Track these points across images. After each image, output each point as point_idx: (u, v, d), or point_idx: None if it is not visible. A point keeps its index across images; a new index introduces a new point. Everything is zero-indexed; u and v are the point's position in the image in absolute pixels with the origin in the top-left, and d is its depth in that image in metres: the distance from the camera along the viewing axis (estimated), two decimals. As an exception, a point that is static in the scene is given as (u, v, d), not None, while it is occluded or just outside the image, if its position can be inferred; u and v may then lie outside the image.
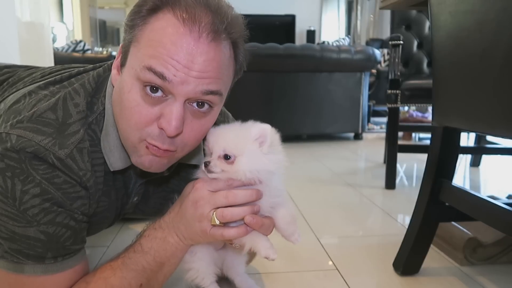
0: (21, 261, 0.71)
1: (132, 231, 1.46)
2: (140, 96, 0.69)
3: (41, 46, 2.20)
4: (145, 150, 0.73)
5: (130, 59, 0.71)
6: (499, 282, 1.10)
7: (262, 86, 3.48)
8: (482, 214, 0.96)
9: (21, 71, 0.96)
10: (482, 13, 0.88)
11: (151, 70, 0.66)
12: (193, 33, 0.67)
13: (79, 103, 0.75)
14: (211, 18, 0.68)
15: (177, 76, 0.66)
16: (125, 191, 0.87)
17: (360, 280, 1.12)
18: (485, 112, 0.91)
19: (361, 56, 3.53)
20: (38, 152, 0.68)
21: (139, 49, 0.69)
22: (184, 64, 0.66)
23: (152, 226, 0.82)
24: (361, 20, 7.20)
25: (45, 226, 0.70)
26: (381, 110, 5.06)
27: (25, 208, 0.69)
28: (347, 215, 1.70)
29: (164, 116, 0.69)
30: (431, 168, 1.09)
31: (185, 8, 0.67)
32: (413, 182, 2.30)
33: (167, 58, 0.66)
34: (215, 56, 0.69)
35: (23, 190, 0.68)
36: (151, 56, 0.67)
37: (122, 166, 0.80)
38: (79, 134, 0.73)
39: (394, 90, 2.07)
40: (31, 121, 0.70)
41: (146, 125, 0.70)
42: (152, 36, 0.68)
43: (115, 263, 0.79)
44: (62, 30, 5.83)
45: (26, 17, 2.06)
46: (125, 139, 0.75)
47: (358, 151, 3.38)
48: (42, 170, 0.69)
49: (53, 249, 0.72)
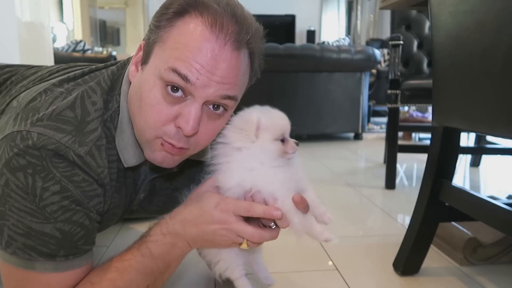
0: (33, 257, 0.72)
1: (132, 231, 1.46)
2: (161, 94, 0.71)
3: (41, 46, 2.20)
4: (159, 147, 0.76)
5: (154, 58, 0.73)
6: (499, 282, 1.10)
7: (262, 86, 3.47)
8: (482, 214, 0.96)
9: (22, 70, 0.97)
10: (482, 13, 0.88)
11: (175, 71, 0.69)
12: (219, 40, 0.69)
13: (96, 101, 0.77)
14: (237, 27, 0.71)
15: (200, 79, 0.69)
16: (134, 188, 0.88)
17: (360, 280, 1.12)
18: (485, 112, 0.91)
19: (361, 56, 3.52)
20: (59, 149, 0.70)
21: (165, 50, 0.71)
22: (207, 69, 0.69)
23: (159, 231, 0.80)
24: (361, 20, 7.21)
25: (61, 224, 0.71)
26: (381, 110, 5.06)
27: (45, 205, 0.70)
28: (347, 215, 1.70)
29: (183, 116, 0.72)
30: (431, 168, 1.09)
31: (213, 15, 0.70)
32: (413, 182, 2.30)
33: (192, 62, 0.69)
34: (236, 63, 0.72)
35: (44, 187, 0.69)
36: (177, 58, 0.69)
37: (136, 163, 0.82)
38: (97, 131, 0.75)
39: (394, 90, 2.07)
40: (51, 119, 0.72)
41: (164, 124, 0.73)
42: (179, 39, 0.70)
43: (121, 265, 0.78)
44: (62, 30, 5.83)
45: (26, 17, 2.06)
46: (140, 134, 0.78)
47: (358, 151, 3.38)
48: (62, 168, 0.70)
49: (66, 248, 0.73)
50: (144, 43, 0.76)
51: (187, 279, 1.10)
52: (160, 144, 0.75)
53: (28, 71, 0.95)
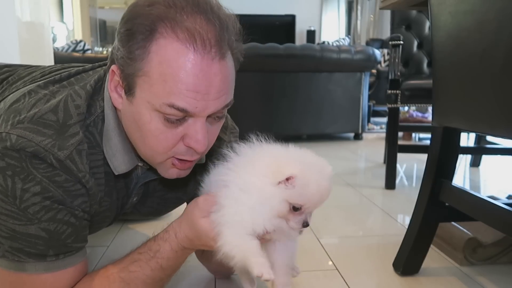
0: (22, 259, 0.71)
1: (132, 231, 1.46)
2: (162, 124, 0.70)
3: (41, 46, 2.20)
4: (171, 166, 0.77)
5: (140, 92, 0.69)
6: (499, 282, 1.10)
7: (262, 86, 3.48)
8: (482, 214, 0.96)
9: (21, 70, 0.96)
10: (482, 13, 0.88)
11: (173, 107, 0.67)
12: (205, 56, 0.66)
13: (80, 104, 0.75)
14: (216, 32, 0.67)
15: (199, 106, 0.68)
16: (126, 191, 0.87)
17: (360, 280, 1.12)
18: (485, 112, 0.91)
19: (361, 56, 3.52)
20: (37, 152, 0.68)
21: (152, 84, 0.67)
22: (203, 92, 0.68)
23: (170, 249, 0.78)
24: (361, 20, 7.20)
25: (46, 224, 0.70)
26: (381, 110, 5.06)
27: (26, 206, 0.69)
28: (347, 215, 1.70)
29: (190, 136, 0.71)
30: (431, 168, 1.09)
31: (188, 29, 0.65)
32: (413, 182, 2.30)
33: (186, 92, 0.67)
34: (226, 71, 0.71)
35: (24, 189, 0.68)
36: (170, 93, 0.66)
37: (126, 169, 0.80)
38: (78, 136, 0.73)
39: (394, 90, 2.07)
40: (32, 122, 0.71)
41: (172, 147, 0.73)
42: (163, 69, 0.66)
43: (127, 276, 0.78)
44: (62, 30, 5.83)
45: (26, 17, 2.06)
46: (149, 160, 0.78)
47: (358, 151, 3.38)
48: (43, 169, 0.69)
49: (55, 247, 0.72)
50: (117, 70, 0.71)
51: (187, 280, 1.10)
52: (171, 164, 0.76)
53: (25, 71, 0.94)
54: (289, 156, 0.71)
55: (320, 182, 0.69)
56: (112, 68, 0.73)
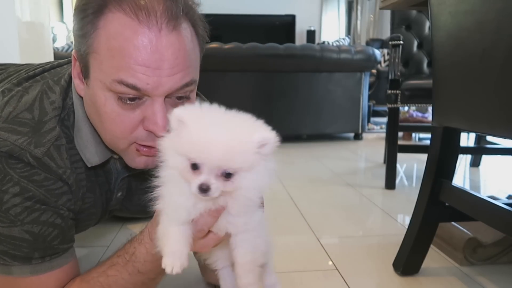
0: (7, 262, 0.70)
1: (132, 231, 1.46)
2: (117, 105, 0.67)
3: (41, 46, 2.20)
4: (136, 153, 0.72)
5: (93, 72, 0.67)
6: (499, 282, 1.10)
7: (262, 86, 3.48)
8: (482, 214, 0.96)
9: (11, 68, 0.95)
10: (482, 13, 0.87)
11: (122, 83, 0.64)
12: (152, 29, 0.63)
13: (55, 100, 0.74)
14: (166, 3, 0.64)
15: (150, 82, 0.64)
16: (108, 186, 0.86)
17: (360, 280, 1.12)
18: (485, 112, 0.91)
19: (361, 56, 3.52)
20: (13, 151, 0.67)
21: (101, 61, 0.65)
22: (154, 67, 0.63)
23: (145, 251, 0.72)
24: (361, 20, 7.20)
25: (29, 226, 0.69)
26: (381, 110, 5.06)
27: (7, 208, 0.67)
28: (347, 215, 1.70)
29: (148, 118, 0.68)
30: (431, 168, 1.09)
31: (133, 1, 0.63)
32: (413, 182, 2.30)
33: (134, 67, 0.63)
34: (180, 44, 0.65)
35: (2, 190, 0.67)
36: (118, 68, 0.63)
37: (99, 161, 0.78)
38: (55, 131, 0.71)
39: (394, 90, 2.07)
40: (7, 122, 0.69)
41: (131, 131, 0.69)
42: (111, 44, 0.64)
43: (105, 280, 0.74)
44: (62, 30, 5.83)
45: (26, 17, 2.06)
46: (113, 147, 0.74)
47: (358, 151, 3.38)
48: (20, 168, 0.68)
49: (40, 249, 0.71)
50: (76, 53, 0.70)
51: (187, 280, 1.10)
52: (136, 150, 0.72)
53: (15, 69, 0.93)
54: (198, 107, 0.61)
55: (208, 130, 0.56)
56: (73, 53, 0.71)
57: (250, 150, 0.57)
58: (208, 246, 0.67)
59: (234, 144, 0.56)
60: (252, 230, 0.64)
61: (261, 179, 0.59)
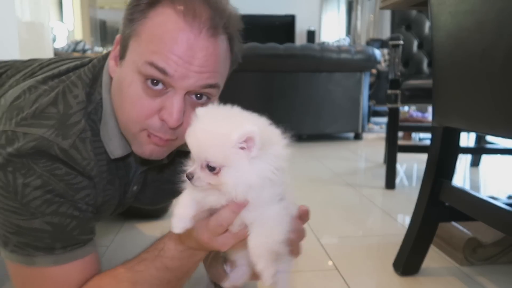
0: (31, 253, 0.72)
1: (132, 231, 1.46)
2: (141, 89, 0.71)
3: (41, 46, 2.20)
4: (147, 139, 0.75)
5: (130, 53, 0.72)
6: (499, 282, 1.10)
7: (262, 86, 3.48)
8: (482, 214, 0.96)
9: (19, 63, 0.97)
10: (482, 13, 0.88)
11: (153, 65, 0.68)
12: (193, 29, 0.68)
13: (78, 94, 0.77)
14: (211, 13, 0.69)
15: (178, 71, 0.69)
16: (127, 179, 0.88)
17: (360, 280, 1.12)
18: (485, 112, 0.91)
19: (361, 56, 3.52)
20: (42, 144, 0.70)
21: (140, 44, 0.70)
22: (185, 60, 0.68)
23: (174, 248, 0.74)
24: (361, 20, 7.20)
25: (49, 217, 0.71)
26: (381, 110, 5.06)
27: (28, 201, 0.70)
28: (347, 215, 1.70)
29: (166, 108, 0.71)
30: (431, 168, 1.09)
31: (185, 3, 0.68)
32: (413, 182, 2.30)
33: (168, 54, 0.68)
34: (214, 51, 0.71)
35: (25, 183, 0.69)
36: (153, 52, 0.68)
37: (122, 154, 0.81)
38: (80, 124, 0.75)
39: (394, 90, 2.07)
40: (34, 117, 0.72)
41: (147, 118, 0.72)
42: (153, 31, 0.69)
43: (133, 276, 0.75)
44: (62, 30, 5.84)
45: (26, 17, 2.06)
46: (125, 129, 0.77)
47: (358, 151, 3.38)
48: (43, 163, 0.70)
49: (61, 239, 0.73)
50: (120, 37, 0.75)
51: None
52: (147, 136, 0.75)
53: (23, 64, 0.95)
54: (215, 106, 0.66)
55: (197, 123, 0.60)
56: (117, 37, 0.76)
57: (227, 144, 0.57)
58: (227, 245, 0.68)
59: (210, 136, 0.58)
60: (265, 223, 0.63)
61: (245, 176, 0.59)
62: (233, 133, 0.57)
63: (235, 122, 0.59)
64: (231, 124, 0.59)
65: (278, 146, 0.62)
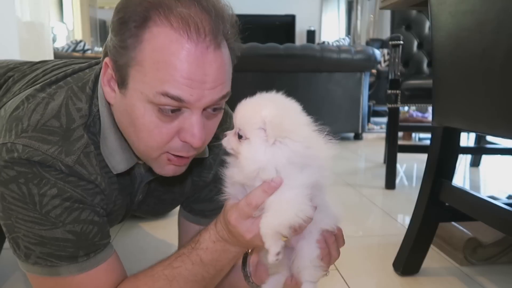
0: (55, 264, 0.70)
1: (132, 232, 1.46)
2: (156, 117, 0.68)
3: (41, 46, 2.20)
4: (167, 162, 0.74)
5: (134, 83, 0.67)
6: (499, 282, 1.10)
7: (262, 86, 3.45)
8: (482, 214, 0.96)
9: (25, 67, 0.95)
10: (482, 13, 0.88)
11: (167, 95, 0.65)
12: (199, 44, 0.64)
13: (82, 107, 0.75)
14: (211, 22, 0.65)
15: (194, 94, 0.66)
16: (132, 189, 0.87)
17: (360, 280, 1.12)
18: (485, 112, 0.91)
19: (361, 56, 3.52)
20: (45, 161, 0.68)
21: (145, 74, 0.65)
22: (197, 80, 0.65)
23: (208, 237, 0.75)
24: (361, 20, 7.21)
25: (71, 226, 0.70)
26: (381, 110, 5.06)
27: (47, 211, 0.68)
28: (347, 215, 1.68)
29: (186, 130, 0.69)
30: (431, 168, 1.09)
31: (182, 16, 0.64)
32: (413, 182, 2.30)
33: (180, 79, 0.64)
34: (221, 61, 0.68)
35: (41, 193, 0.68)
36: (164, 81, 0.64)
37: (124, 168, 0.79)
38: (84, 139, 0.72)
39: (394, 90, 2.07)
40: (36, 130, 0.70)
41: (167, 142, 0.70)
42: (157, 57, 0.64)
43: (170, 272, 0.75)
44: (62, 30, 5.83)
45: (26, 17, 2.06)
46: (144, 155, 0.75)
47: (358, 151, 3.38)
48: (54, 171, 0.69)
49: (84, 247, 0.72)
50: (110, 62, 0.70)
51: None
52: (166, 160, 0.73)
53: (29, 69, 0.94)
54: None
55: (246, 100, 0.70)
56: (106, 61, 0.71)
57: (253, 119, 0.65)
58: (251, 232, 0.67)
59: (244, 109, 0.68)
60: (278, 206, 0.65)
61: (257, 156, 0.64)
62: (261, 111, 0.65)
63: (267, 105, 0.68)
64: (263, 105, 0.67)
65: (298, 143, 0.66)
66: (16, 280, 1.11)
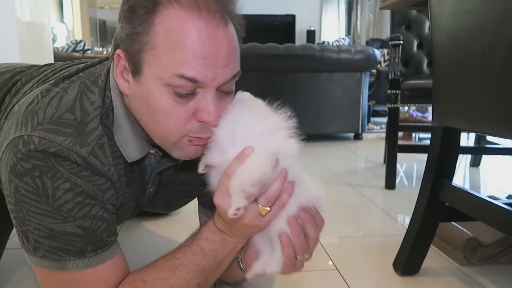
0: (62, 258, 0.72)
1: (132, 231, 1.46)
2: (172, 100, 0.69)
3: (41, 46, 2.20)
4: (188, 143, 0.75)
5: (149, 68, 0.69)
6: (499, 282, 1.10)
7: (262, 86, 3.48)
8: (482, 214, 0.96)
9: (33, 70, 0.97)
10: (482, 13, 0.88)
11: (183, 77, 0.66)
12: (210, 22, 0.66)
13: (95, 100, 0.76)
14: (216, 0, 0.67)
15: (208, 74, 0.68)
16: (142, 182, 0.88)
17: (360, 280, 1.12)
18: (485, 112, 0.91)
19: (361, 56, 3.52)
20: (60, 152, 0.69)
21: (160, 56, 0.67)
22: (211, 58, 0.67)
23: (208, 228, 0.80)
24: (361, 20, 7.21)
25: (81, 221, 0.71)
26: (381, 110, 5.06)
27: (59, 204, 0.69)
28: (347, 215, 1.70)
29: (202, 109, 0.71)
30: (431, 168, 1.09)
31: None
32: (413, 182, 2.30)
33: (194, 59, 0.66)
34: (231, 37, 0.70)
35: (54, 187, 0.69)
36: (179, 62, 0.66)
37: (139, 156, 0.80)
38: (97, 130, 0.74)
39: (394, 90, 2.07)
40: (51, 123, 0.71)
41: (185, 124, 0.72)
42: (170, 39, 0.66)
43: (173, 263, 0.78)
44: (62, 30, 5.84)
45: (26, 17, 2.06)
46: (163, 140, 0.76)
47: (358, 151, 3.38)
48: (68, 165, 0.70)
49: (92, 243, 0.73)
50: (122, 53, 0.71)
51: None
52: (188, 141, 0.75)
53: (37, 71, 0.95)
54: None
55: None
56: (117, 53, 0.72)
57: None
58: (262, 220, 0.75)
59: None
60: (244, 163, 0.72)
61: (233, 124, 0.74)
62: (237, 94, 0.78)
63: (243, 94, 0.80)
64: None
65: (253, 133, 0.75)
66: (16, 280, 1.11)
